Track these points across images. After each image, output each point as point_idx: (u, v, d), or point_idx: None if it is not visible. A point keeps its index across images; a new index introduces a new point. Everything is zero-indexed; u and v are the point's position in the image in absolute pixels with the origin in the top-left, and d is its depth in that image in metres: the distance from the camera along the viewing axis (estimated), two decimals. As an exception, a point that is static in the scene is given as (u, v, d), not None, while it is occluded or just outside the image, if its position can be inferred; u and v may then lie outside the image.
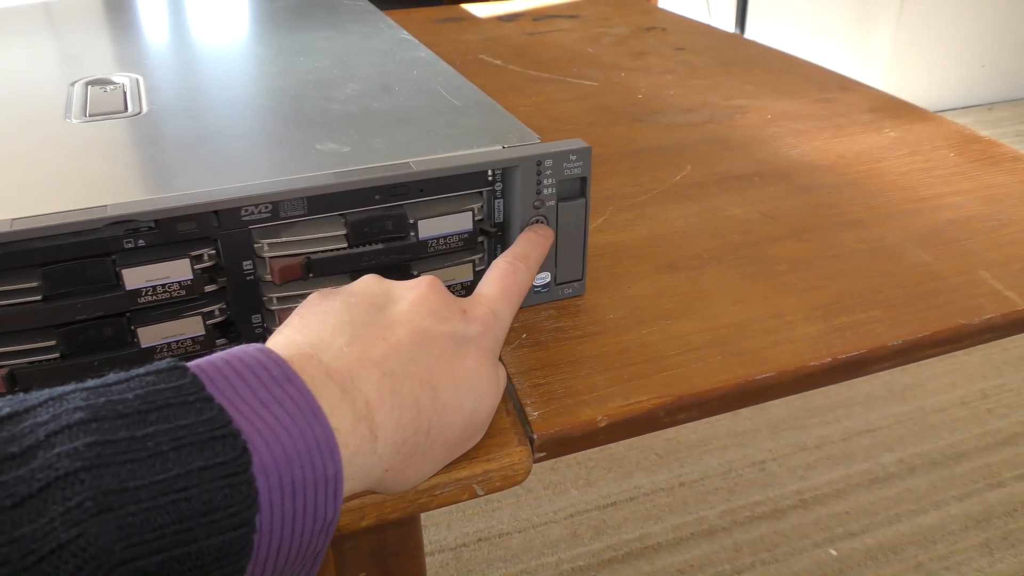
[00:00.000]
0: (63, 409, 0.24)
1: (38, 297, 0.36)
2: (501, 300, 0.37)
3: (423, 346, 0.32)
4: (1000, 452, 1.39)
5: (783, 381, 0.41)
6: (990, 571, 1.18)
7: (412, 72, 0.54)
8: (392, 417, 0.30)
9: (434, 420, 0.31)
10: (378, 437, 0.29)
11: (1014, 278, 0.48)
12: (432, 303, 0.34)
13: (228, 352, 0.28)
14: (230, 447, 0.25)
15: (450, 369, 0.32)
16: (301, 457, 0.26)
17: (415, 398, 0.31)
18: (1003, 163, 0.64)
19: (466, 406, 0.33)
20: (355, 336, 0.31)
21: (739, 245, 0.52)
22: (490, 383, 0.34)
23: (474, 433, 0.34)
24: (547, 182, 0.42)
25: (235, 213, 0.37)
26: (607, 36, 0.98)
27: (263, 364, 0.28)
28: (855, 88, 0.80)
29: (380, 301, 0.34)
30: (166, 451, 0.24)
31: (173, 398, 0.25)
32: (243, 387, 0.27)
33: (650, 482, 1.33)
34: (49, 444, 0.23)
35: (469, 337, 0.34)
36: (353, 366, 0.30)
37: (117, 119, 0.46)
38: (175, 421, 0.25)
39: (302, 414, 0.27)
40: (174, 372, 0.26)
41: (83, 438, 0.23)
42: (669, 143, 0.68)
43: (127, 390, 0.25)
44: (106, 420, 0.24)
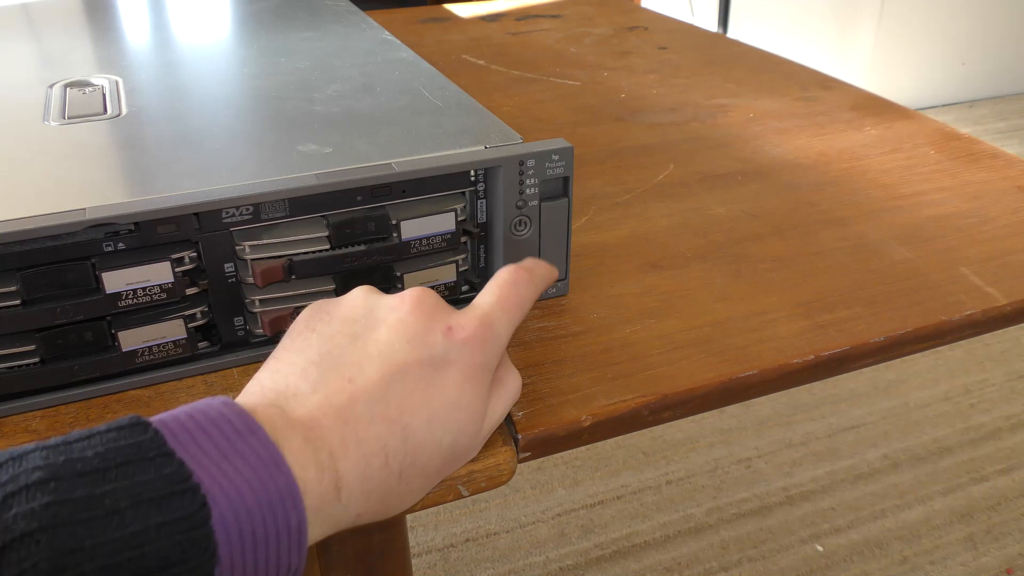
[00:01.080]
0: (22, 470, 0.24)
1: (17, 302, 0.35)
2: (499, 309, 0.35)
3: (395, 383, 0.31)
4: (983, 447, 1.40)
5: (767, 379, 0.41)
6: (974, 565, 1.19)
7: (394, 73, 0.54)
8: (357, 467, 0.29)
9: (405, 463, 0.31)
10: (342, 488, 0.29)
11: (994, 274, 0.49)
12: (413, 326, 0.32)
13: (192, 406, 0.28)
14: (188, 501, 0.25)
15: (424, 403, 0.31)
16: (263, 508, 0.26)
17: (382, 444, 0.30)
18: (983, 160, 0.64)
19: (443, 441, 0.32)
20: (321, 380, 0.31)
21: (722, 244, 0.52)
22: (472, 409, 0.33)
23: (460, 459, 0.34)
24: (530, 182, 0.42)
25: (216, 215, 0.37)
26: (590, 36, 0.98)
27: (226, 417, 0.28)
28: (837, 86, 0.81)
29: (360, 327, 0.33)
30: (124, 508, 0.24)
31: (134, 454, 0.25)
32: (205, 440, 0.27)
33: (637, 480, 1.33)
34: (6, 506, 0.23)
35: (450, 360, 0.32)
36: (316, 415, 0.29)
37: (96, 121, 0.46)
38: (134, 478, 0.25)
39: (264, 466, 0.27)
40: (136, 428, 0.26)
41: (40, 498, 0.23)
42: (652, 142, 0.68)
43: (87, 448, 0.25)
44: (64, 479, 0.24)
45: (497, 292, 0.35)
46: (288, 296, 0.40)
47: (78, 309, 0.36)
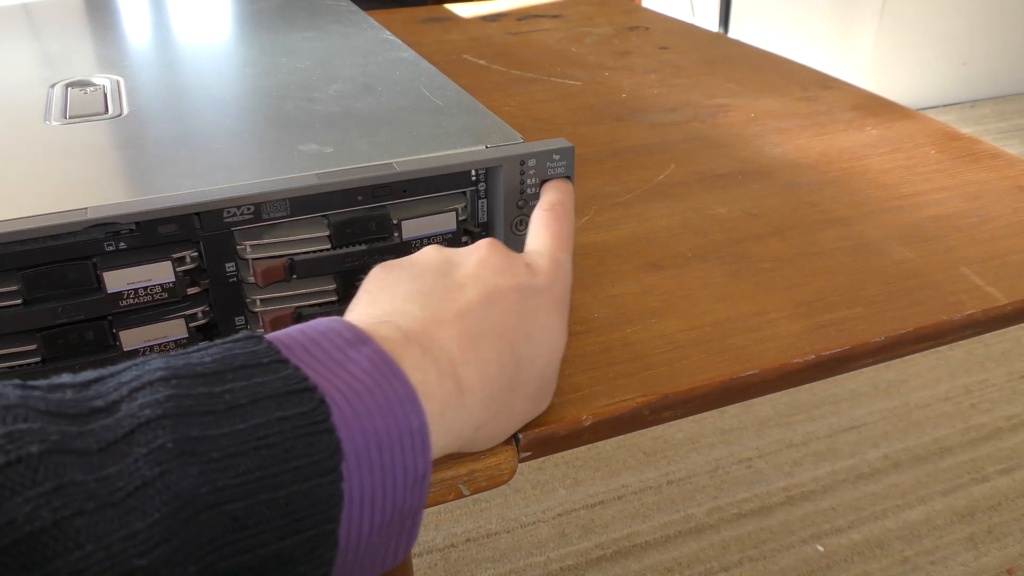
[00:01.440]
0: (145, 370, 0.25)
1: (18, 301, 0.35)
2: (557, 247, 0.37)
3: (494, 303, 0.32)
4: (984, 447, 1.40)
5: (767, 379, 0.41)
6: (975, 565, 1.19)
7: (395, 72, 0.54)
8: (477, 372, 0.30)
9: (515, 375, 0.32)
10: (464, 392, 0.30)
11: (995, 274, 0.49)
12: (495, 262, 0.34)
13: (302, 324, 0.29)
14: (307, 399, 0.25)
15: (522, 324, 0.33)
16: (382, 410, 0.26)
17: (496, 353, 0.31)
18: (984, 160, 0.64)
19: (538, 361, 0.33)
20: (427, 301, 0.32)
21: (722, 243, 0.52)
22: (558, 337, 0.34)
23: (545, 388, 0.35)
24: (530, 182, 0.42)
25: (217, 215, 0.37)
26: (590, 36, 0.98)
27: (337, 330, 0.28)
28: (837, 86, 0.81)
29: (444, 268, 0.34)
30: (244, 404, 0.24)
31: (249, 360, 0.26)
32: (318, 351, 0.27)
33: (637, 480, 1.33)
34: (132, 398, 0.24)
35: (538, 289, 0.34)
36: (430, 327, 0.30)
37: (97, 121, 0.46)
38: (251, 379, 0.25)
39: (378, 370, 0.27)
40: (250, 340, 0.27)
41: (163, 391, 0.24)
42: (652, 142, 0.68)
43: (205, 355, 0.26)
44: (185, 378, 0.24)
45: (547, 232, 0.38)
46: (289, 296, 0.40)
47: (79, 309, 0.36)
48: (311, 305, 0.41)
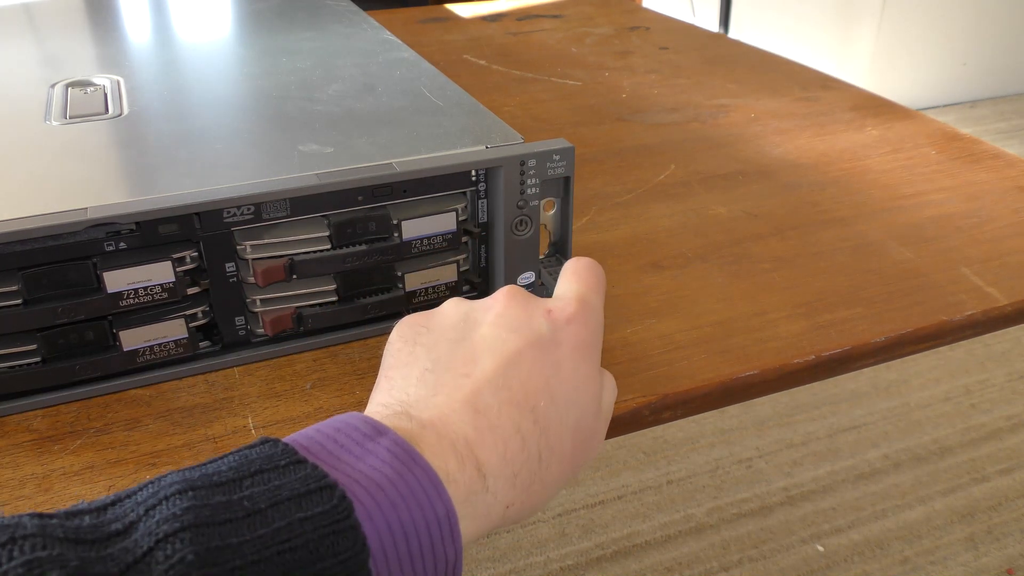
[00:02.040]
0: (160, 486, 0.24)
1: (18, 301, 0.35)
2: (587, 289, 0.35)
3: (511, 368, 0.31)
4: (984, 447, 1.40)
5: (767, 379, 0.41)
6: (975, 565, 1.19)
7: (395, 73, 0.54)
8: (496, 452, 0.29)
9: (542, 443, 0.30)
10: (486, 475, 0.28)
11: (994, 274, 0.49)
12: (512, 317, 0.32)
13: (319, 423, 0.28)
14: (328, 497, 0.24)
15: (544, 386, 0.31)
16: (406, 500, 0.26)
17: (515, 426, 0.30)
18: (984, 160, 0.64)
19: (568, 419, 0.31)
20: (439, 383, 0.31)
21: (723, 244, 0.52)
22: (588, 386, 0.32)
23: (588, 441, 0.33)
24: (531, 182, 0.42)
25: (217, 215, 0.37)
26: (591, 36, 0.98)
27: (353, 425, 0.28)
28: (837, 87, 0.81)
29: (460, 331, 0.33)
30: (264, 508, 0.24)
31: (266, 464, 0.25)
32: (335, 447, 0.27)
33: (638, 480, 1.33)
34: (149, 515, 0.23)
35: (559, 339, 0.32)
36: (443, 411, 0.29)
37: (98, 121, 0.46)
38: (270, 483, 0.25)
39: (398, 460, 0.26)
40: (266, 444, 0.26)
41: (181, 503, 0.23)
42: (653, 142, 0.68)
43: (221, 464, 0.25)
44: (202, 488, 0.24)
45: (576, 276, 0.35)
46: (289, 296, 0.40)
47: (79, 308, 0.36)
48: (311, 305, 0.41)
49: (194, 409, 0.39)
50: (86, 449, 0.36)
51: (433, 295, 0.43)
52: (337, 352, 0.42)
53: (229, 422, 0.38)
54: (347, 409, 0.39)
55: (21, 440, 0.37)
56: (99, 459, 0.36)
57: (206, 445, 0.37)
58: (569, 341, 0.32)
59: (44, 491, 0.34)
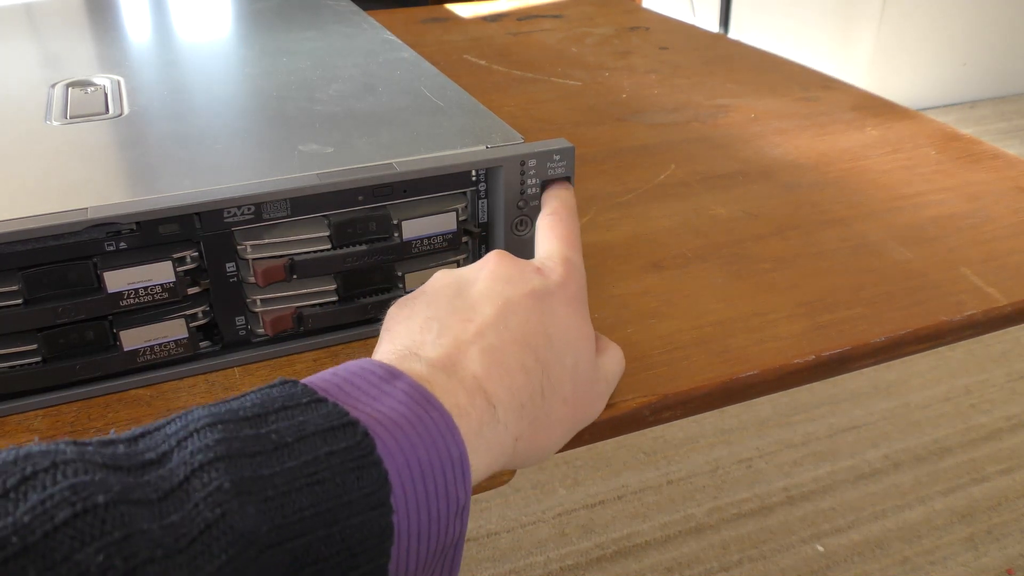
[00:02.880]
0: (188, 420, 0.25)
1: (19, 301, 0.35)
2: (566, 247, 0.37)
3: (510, 314, 0.33)
4: (984, 447, 1.40)
5: (767, 379, 0.41)
6: (975, 565, 1.19)
7: (395, 73, 0.54)
8: (503, 384, 0.30)
9: (544, 380, 0.32)
10: (496, 406, 0.30)
11: (995, 275, 0.49)
12: (505, 272, 0.34)
13: (333, 368, 0.29)
14: (351, 433, 0.25)
15: (541, 328, 0.33)
16: (423, 440, 0.27)
17: (520, 362, 0.31)
18: (984, 161, 0.64)
19: (566, 361, 0.33)
20: (444, 327, 0.32)
21: (723, 244, 0.52)
22: (581, 333, 0.34)
23: (587, 390, 0.35)
24: (531, 182, 0.42)
25: (218, 215, 0.37)
26: (591, 36, 0.98)
27: (368, 368, 0.29)
28: (838, 87, 0.81)
29: (456, 289, 0.34)
30: (291, 442, 0.25)
31: (289, 401, 0.26)
32: (352, 389, 0.28)
33: (638, 480, 1.33)
34: (182, 446, 0.24)
35: (551, 290, 0.34)
36: (451, 352, 0.31)
37: (98, 121, 0.46)
38: (294, 418, 0.25)
39: (415, 402, 0.28)
40: (285, 384, 0.27)
41: (212, 435, 0.24)
42: (653, 142, 0.68)
43: (244, 401, 0.26)
44: (230, 422, 0.25)
45: (553, 235, 0.38)
46: (289, 296, 0.40)
47: (80, 308, 0.36)
48: (311, 305, 0.41)
49: (194, 409, 0.39)
50: (86, 449, 0.36)
51: (433, 295, 0.43)
52: (337, 352, 0.42)
53: (229, 422, 0.38)
54: (347, 409, 0.39)
55: (21, 440, 0.37)
56: (99, 459, 0.36)
57: (206, 445, 0.37)
58: (560, 293, 0.34)
59: (44, 491, 0.34)
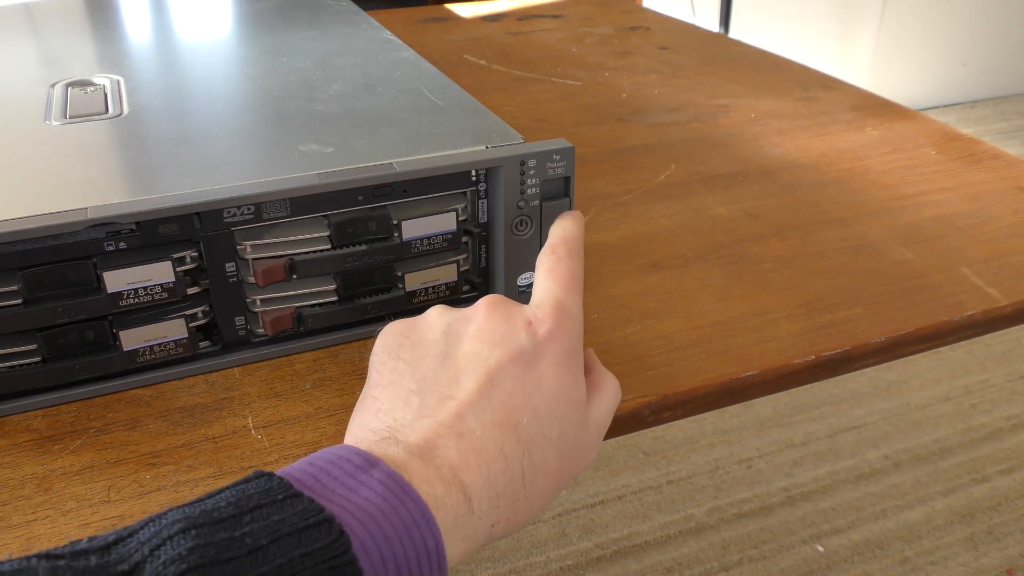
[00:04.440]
0: (162, 525, 0.25)
1: (18, 301, 0.35)
2: (563, 291, 0.35)
3: (494, 387, 0.31)
4: (984, 447, 1.40)
5: (767, 379, 0.41)
6: (975, 565, 1.19)
7: (395, 72, 0.54)
8: (480, 474, 0.30)
9: (525, 461, 0.31)
10: (471, 498, 0.29)
11: (995, 275, 0.49)
12: (494, 330, 0.33)
13: (310, 456, 0.29)
14: (326, 531, 0.25)
15: (526, 402, 0.31)
16: (399, 533, 0.26)
17: (498, 447, 0.30)
18: (984, 161, 0.64)
19: (551, 433, 0.32)
20: (424, 405, 0.31)
21: (723, 244, 0.52)
22: (571, 397, 0.33)
23: (575, 451, 0.33)
24: (531, 182, 0.42)
25: (217, 215, 0.37)
26: (591, 36, 0.98)
27: (346, 457, 0.28)
28: (838, 87, 0.81)
29: (442, 347, 0.33)
30: (265, 545, 0.24)
31: (264, 499, 0.26)
32: (329, 480, 0.27)
33: (638, 480, 1.33)
34: (154, 556, 0.24)
35: (540, 350, 0.33)
36: (429, 436, 0.30)
37: (98, 121, 0.46)
38: (269, 518, 0.25)
39: (392, 493, 0.27)
40: (261, 479, 0.27)
41: (185, 543, 0.24)
42: (653, 142, 0.68)
43: (219, 500, 0.26)
44: (204, 526, 0.25)
45: (551, 276, 0.36)
46: (289, 296, 0.40)
47: (79, 308, 0.36)
48: (311, 305, 0.41)
49: (194, 409, 0.39)
50: (86, 449, 0.36)
51: (433, 295, 0.43)
52: (337, 352, 0.42)
53: (229, 422, 0.38)
54: (347, 409, 0.39)
55: (21, 440, 0.37)
56: (99, 459, 0.36)
57: (206, 445, 0.37)
58: (550, 353, 0.33)
59: (44, 491, 0.34)
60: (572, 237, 0.39)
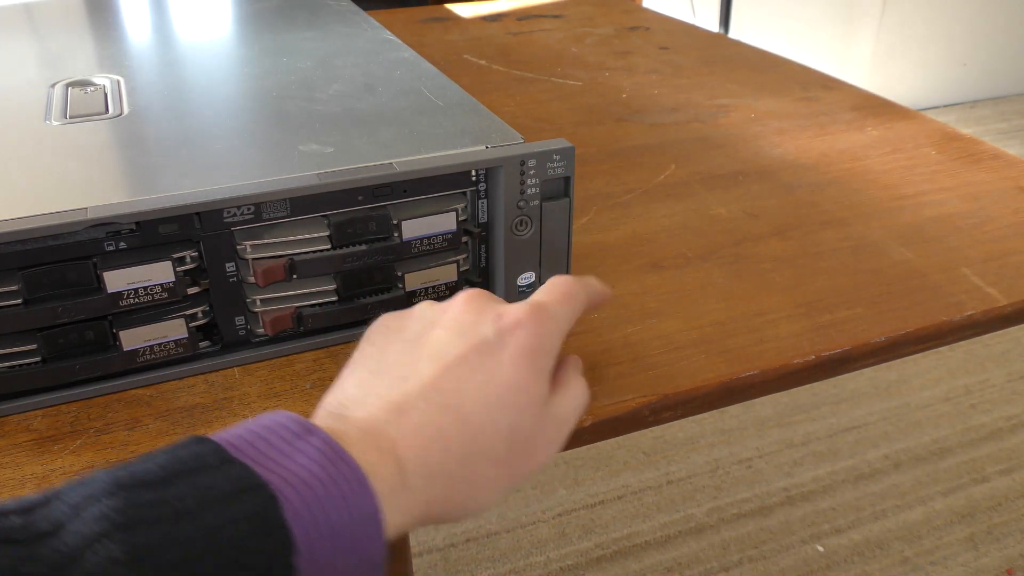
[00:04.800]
0: (89, 485, 0.24)
1: (18, 301, 0.35)
2: (550, 299, 0.35)
3: (448, 373, 0.31)
4: (984, 447, 1.40)
5: (767, 379, 0.41)
6: (975, 565, 1.19)
7: (395, 73, 0.54)
8: (415, 451, 0.30)
9: (469, 447, 0.31)
10: (405, 472, 0.29)
11: (995, 275, 0.49)
12: (464, 321, 0.33)
13: (248, 421, 0.29)
14: (257, 496, 0.25)
15: (479, 388, 0.31)
16: (334, 498, 0.26)
17: (440, 429, 0.30)
18: (984, 161, 0.64)
19: (502, 423, 0.31)
20: (378, 384, 0.32)
21: (723, 244, 0.52)
22: (529, 391, 0.32)
23: (528, 447, 0.33)
24: (531, 182, 0.42)
25: (217, 215, 0.37)
26: (591, 36, 0.98)
27: (282, 424, 0.28)
28: (838, 87, 0.81)
29: (415, 333, 0.34)
30: (193, 508, 0.24)
31: (196, 464, 0.26)
32: (265, 446, 0.27)
33: (638, 480, 1.33)
34: (79, 516, 0.23)
35: (503, 343, 0.32)
36: (373, 412, 0.30)
37: (98, 121, 0.46)
38: (200, 482, 0.25)
39: (328, 460, 0.27)
40: (194, 444, 0.27)
41: (110, 503, 0.24)
42: (653, 142, 0.68)
43: (150, 463, 0.26)
44: (132, 488, 0.24)
45: (547, 288, 0.36)
46: (289, 296, 0.40)
47: (79, 308, 0.36)
48: (311, 305, 0.41)
49: (194, 409, 0.39)
50: (86, 449, 0.36)
51: (433, 295, 0.43)
52: (337, 352, 0.42)
53: (229, 422, 0.38)
54: (347, 409, 0.38)
55: (21, 440, 0.37)
56: (99, 459, 0.36)
57: (206, 445, 0.37)
58: (513, 346, 0.32)
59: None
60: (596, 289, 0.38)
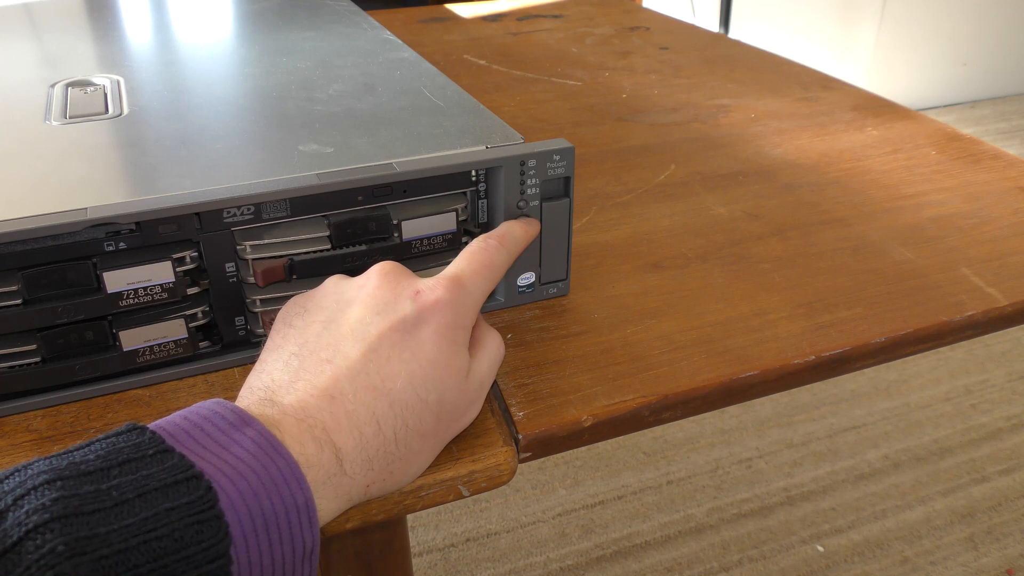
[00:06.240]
0: (28, 475, 0.25)
1: (18, 301, 0.35)
2: (469, 271, 0.36)
3: (371, 353, 0.32)
4: (984, 447, 1.40)
5: (767, 379, 0.41)
6: (975, 565, 1.19)
7: (395, 73, 0.54)
8: (352, 437, 0.31)
9: (398, 426, 0.32)
10: (343, 460, 0.30)
11: (995, 275, 0.49)
12: (381, 298, 0.34)
13: (185, 409, 0.29)
14: (193, 487, 0.26)
15: (402, 366, 0.32)
16: (267, 489, 0.27)
17: (371, 412, 0.31)
18: (984, 161, 0.64)
19: (429, 398, 0.32)
20: (302, 367, 0.32)
21: (723, 244, 0.52)
22: (451, 365, 0.33)
23: (452, 419, 0.34)
24: (531, 182, 0.42)
25: (217, 215, 0.37)
26: (591, 36, 0.98)
27: (219, 414, 0.29)
28: (838, 87, 0.81)
29: (331, 312, 0.34)
30: (131, 498, 0.25)
31: (133, 453, 0.26)
32: (202, 436, 0.28)
33: (637, 480, 1.33)
34: (17, 506, 0.24)
35: (422, 320, 0.33)
36: (303, 398, 0.31)
37: (97, 121, 0.46)
38: (138, 472, 0.26)
39: (262, 451, 0.28)
40: (133, 432, 0.27)
41: (49, 494, 0.24)
42: (653, 142, 0.68)
43: (88, 452, 0.26)
44: (70, 478, 0.25)
45: (465, 257, 0.37)
46: (289, 296, 0.40)
47: (79, 308, 0.36)
48: (311, 305, 0.41)
49: (194, 409, 0.39)
50: (86, 449, 0.36)
51: (433, 295, 0.43)
52: (337, 352, 0.42)
53: (229, 422, 0.38)
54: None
55: (21, 440, 0.37)
56: (99, 459, 0.36)
57: (206, 445, 0.37)
58: (433, 323, 0.33)
59: (44, 491, 0.34)
60: (512, 237, 0.40)
